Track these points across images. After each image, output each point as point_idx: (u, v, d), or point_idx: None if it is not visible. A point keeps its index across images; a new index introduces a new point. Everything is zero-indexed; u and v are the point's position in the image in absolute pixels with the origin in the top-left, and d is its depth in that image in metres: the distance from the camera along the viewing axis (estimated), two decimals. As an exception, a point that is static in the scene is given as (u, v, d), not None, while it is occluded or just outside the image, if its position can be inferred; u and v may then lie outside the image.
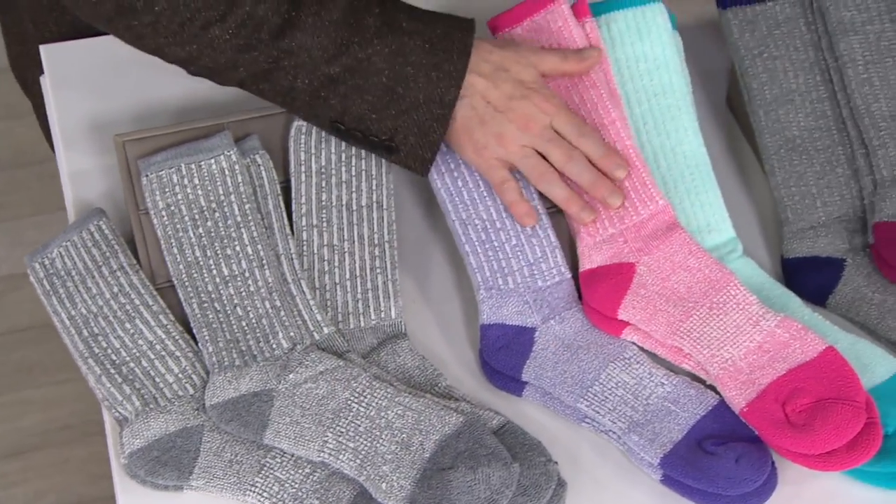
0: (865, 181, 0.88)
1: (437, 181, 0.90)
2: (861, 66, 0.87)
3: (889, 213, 0.85)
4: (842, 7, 0.89)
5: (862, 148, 0.88)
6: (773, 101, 0.91)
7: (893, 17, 0.88)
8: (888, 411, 0.79)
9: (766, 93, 0.91)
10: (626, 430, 0.81)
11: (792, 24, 0.91)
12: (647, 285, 0.86)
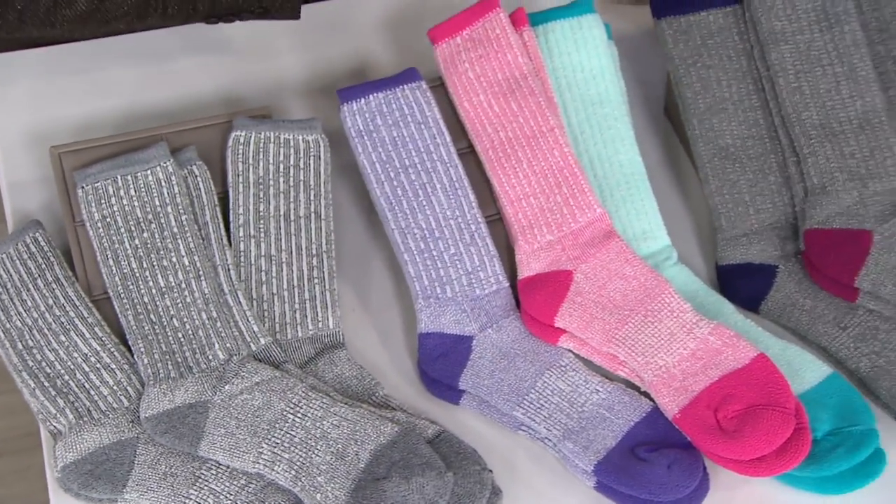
0: (797, 188, 0.86)
1: (376, 190, 0.88)
2: (792, 76, 0.85)
3: (819, 219, 0.84)
4: (773, 17, 0.87)
5: (793, 156, 0.86)
6: (706, 110, 0.89)
7: (823, 27, 0.86)
8: (817, 416, 0.77)
9: (700, 102, 0.89)
10: (561, 438, 0.79)
11: (725, 34, 0.90)
12: (583, 293, 0.84)
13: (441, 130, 0.88)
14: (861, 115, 0.84)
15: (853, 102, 0.84)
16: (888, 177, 0.83)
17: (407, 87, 0.89)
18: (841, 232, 0.83)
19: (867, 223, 0.83)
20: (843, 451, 0.76)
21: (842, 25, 0.86)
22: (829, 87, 0.85)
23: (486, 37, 0.89)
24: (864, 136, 0.84)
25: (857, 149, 0.84)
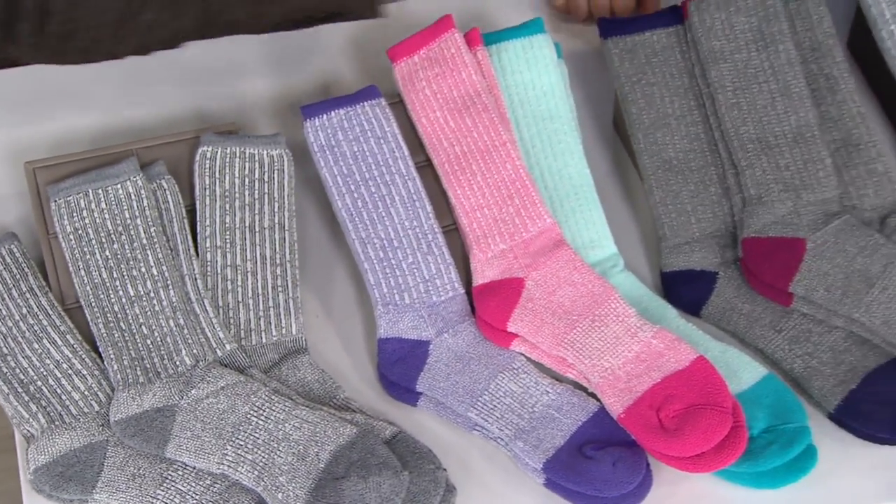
0: (735, 199, 0.87)
1: (337, 202, 0.88)
2: (730, 92, 0.87)
3: (755, 228, 0.85)
4: (712, 37, 0.88)
5: (732, 168, 0.87)
6: (650, 125, 0.90)
7: (759, 46, 0.87)
8: (753, 415, 0.78)
9: (644, 117, 0.90)
10: (513, 437, 0.80)
11: (668, 53, 0.91)
12: (534, 299, 0.85)
13: (399, 145, 0.89)
14: (795, 129, 0.86)
15: (787, 118, 0.86)
16: (820, 188, 0.85)
17: (367, 104, 0.90)
18: (776, 240, 0.84)
19: (801, 231, 0.84)
20: (777, 448, 0.77)
21: (776, 45, 0.87)
22: (765, 104, 0.86)
23: (441, 56, 0.90)
24: (798, 150, 0.85)
25: (792, 161, 0.85)
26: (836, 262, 0.82)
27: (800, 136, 0.86)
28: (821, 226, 0.84)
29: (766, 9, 0.88)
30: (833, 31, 0.91)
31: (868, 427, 0.78)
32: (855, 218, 0.85)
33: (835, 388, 0.80)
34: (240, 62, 1.04)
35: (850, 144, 0.88)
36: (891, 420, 0.77)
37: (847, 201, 0.87)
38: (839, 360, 0.81)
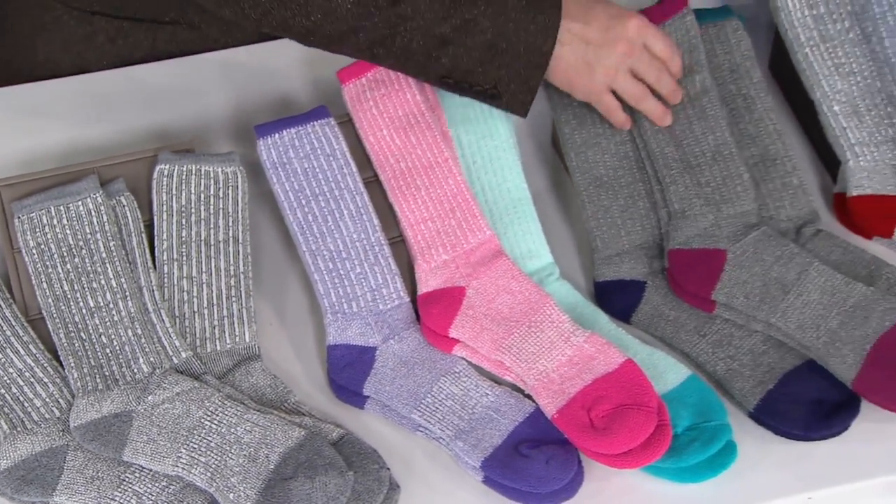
0: (662, 213, 0.89)
1: (289, 216, 0.89)
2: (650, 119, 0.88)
3: (680, 240, 0.86)
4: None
5: (658, 184, 0.89)
6: (582, 144, 0.91)
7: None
8: (678, 413, 0.80)
9: (577, 136, 0.91)
10: (454, 437, 0.81)
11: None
12: (474, 306, 0.86)
13: (348, 162, 0.90)
14: (713, 148, 0.87)
15: (705, 138, 0.87)
16: (739, 201, 0.87)
17: (317, 123, 0.91)
18: (699, 251, 0.86)
19: (721, 243, 0.86)
20: (699, 445, 0.78)
21: (693, 75, 0.89)
22: (684, 128, 0.88)
23: (387, 77, 0.91)
24: (717, 167, 0.87)
25: (712, 178, 0.87)
26: (755, 270, 0.84)
27: (718, 155, 0.87)
28: (740, 237, 0.86)
29: (690, 40, 0.90)
30: (751, 53, 0.93)
31: (784, 425, 0.80)
32: (772, 229, 0.86)
33: (754, 388, 0.81)
34: (200, 83, 1.04)
35: (768, 159, 0.90)
36: (804, 418, 0.79)
37: (765, 213, 0.89)
38: (758, 362, 0.82)
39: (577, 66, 0.85)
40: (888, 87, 0.89)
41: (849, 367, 0.79)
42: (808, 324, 0.81)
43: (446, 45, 0.82)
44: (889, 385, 0.77)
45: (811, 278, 0.82)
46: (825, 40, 0.91)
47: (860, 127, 0.90)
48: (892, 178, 0.89)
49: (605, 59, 0.85)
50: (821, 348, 0.80)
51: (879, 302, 0.80)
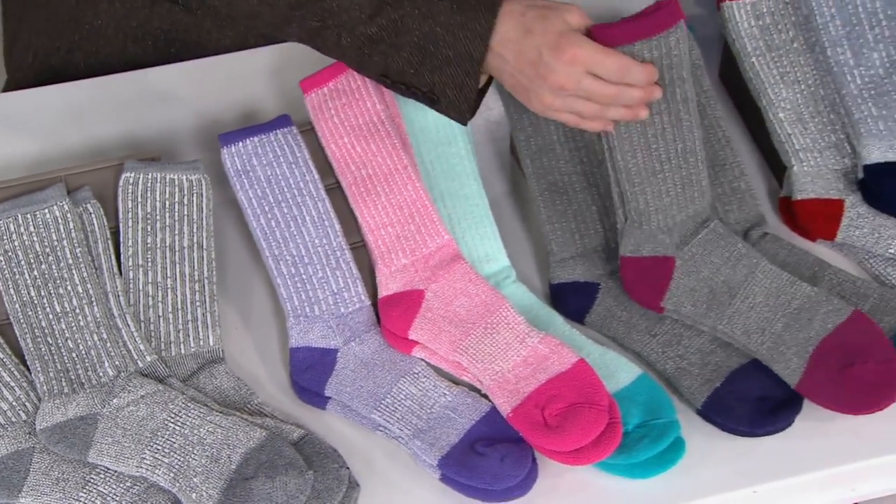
0: (619, 213, 0.88)
1: (252, 222, 0.89)
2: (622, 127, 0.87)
3: (631, 247, 0.86)
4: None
5: (617, 187, 0.87)
6: (538, 151, 0.91)
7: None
8: (628, 411, 0.80)
9: (532, 144, 0.92)
10: (412, 436, 0.81)
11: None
12: (433, 309, 0.86)
13: (310, 169, 0.90)
14: (680, 154, 0.85)
15: (675, 144, 0.85)
16: (692, 205, 0.87)
17: (280, 132, 0.91)
18: (649, 259, 0.86)
19: (671, 250, 0.86)
20: (649, 441, 0.78)
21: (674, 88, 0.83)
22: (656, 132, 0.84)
23: (348, 87, 0.91)
24: (680, 174, 0.85)
25: (672, 185, 0.86)
26: (703, 275, 0.84)
27: (684, 161, 0.85)
28: (690, 238, 0.86)
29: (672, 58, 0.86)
30: (701, 62, 0.93)
31: (730, 421, 0.80)
32: (721, 224, 0.86)
33: (701, 386, 0.82)
34: (169, 92, 1.04)
35: (717, 165, 0.90)
36: (748, 415, 0.79)
37: (714, 216, 0.89)
38: (706, 361, 0.83)
39: (517, 88, 0.81)
40: (831, 94, 0.90)
41: (793, 372, 0.79)
42: (753, 328, 0.81)
43: (376, 44, 0.80)
44: (830, 387, 0.77)
45: (758, 280, 0.83)
46: (771, 50, 0.91)
47: (804, 133, 0.90)
48: (834, 183, 0.89)
49: (539, 91, 0.80)
50: (765, 353, 0.80)
51: (823, 304, 0.81)
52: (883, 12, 0.89)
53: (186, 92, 1.03)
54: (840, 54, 0.89)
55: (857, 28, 0.89)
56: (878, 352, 0.77)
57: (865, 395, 0.76)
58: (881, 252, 0.86)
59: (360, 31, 0.80)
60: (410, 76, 0.81)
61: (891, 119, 0.87)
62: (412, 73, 0.81)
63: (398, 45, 0.80)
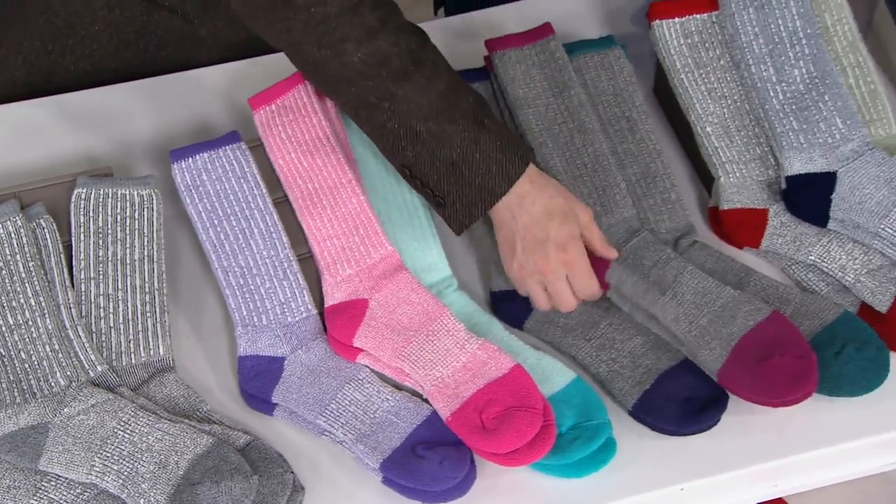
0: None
1: (202, 235, 0.89)
2: (536, 133, 0.89)
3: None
4: (516, 87, 0.91)
5: None
6: (477, 165, 0.92)
7: (555, 93, 0.91)
8: (562, 414, 0.81)
9: (473, 157, 0.92)
10: (355, 441, 0.81)
11: (492, 101, 0.93)
12: (377, 317, 0.86)
13: (258, 183, 0.90)
14: (593, 160, 0.88)
15: (586, 150, 0.89)
16: (618, 209, 0.88)
17: (228, 148, 0.91)
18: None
19: (603, 252, 0.87)
20: (581, 442, 0.79)
21: (569, 90, 0.90)
22: (566, 140, 0.89)
23: (295, 105, 0.91)
24: (598, 178, 0.88)
25: (593, 188, 0.88)
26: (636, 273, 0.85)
27: (598, 165, 0.88)
28: (622, 244, 0.87)
29: (556, 61, 0.91)
30: (633, 79, 0.94)
31: (659, 421, 0.81)
32: (651, 235, 0.88)
33: (632, 388, 0.83)
34: (126, 108, 1.03)
35: (648, 177, 0.91)
36: (676, 415, 0.80)
37: (646, 226, 0.90)
38: (637, 363, 0.84)
39: (507, 243, 0.85)
40: (755, 109, 0.91)
41: (715, 360, 0.80)
42: (682, 318, 0.82)
43: (418, 142, 0.83)
44: (749, 378, 0.79)
45: (685, 281, 0.84)
46: (699, 67, 0.93)
47: (730, 146, 0.91)
48: (759, 193, 0.90)
49: (524, 262, 0.84)
50: (692, 342, 0.82)
51: (744, 304, 0.82)
52: (803, 31, 0.91)
53: (142, 109, 1.03)
54: (763, 71, 0.90)
55: (779, 46, 0.91)
56: (795, 348, 0.79)
57: (782, 386, 0.78)
58: (802, 259, 0.88)
59: (409, 125, 0.82)
60: (433, 180, 0.84)
61: (810, 132, 0.89)
62: (435, 179, 0.84)
63: (436, 151, 0.83)
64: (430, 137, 0.82)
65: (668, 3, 0.94)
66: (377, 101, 0.82)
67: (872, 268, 0.85)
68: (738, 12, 0.91)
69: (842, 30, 0.93)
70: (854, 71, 0.92)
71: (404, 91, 0.81)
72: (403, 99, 0.82)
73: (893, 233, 0.84)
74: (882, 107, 0.91)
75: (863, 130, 0.89)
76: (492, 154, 0.82)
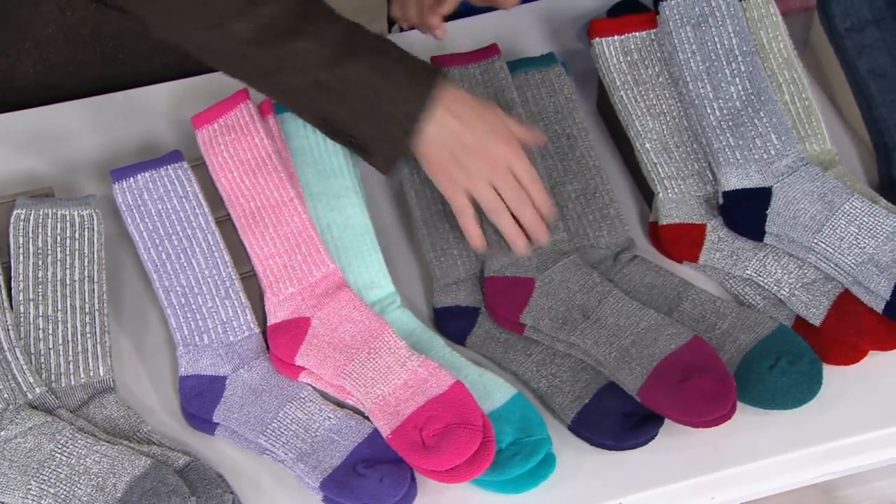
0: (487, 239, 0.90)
1: (143, 255, 0.88)
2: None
3: (495, 269, 0.88)
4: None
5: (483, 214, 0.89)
6: (420, 182, 0.92)
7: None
8: (502, 430, 0.81)
9: (416, 175, 0.92)
10: (296, 460, 0.81)
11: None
12: (319, 336, 0.86)
13: (200, 202, 0.90)
14: None
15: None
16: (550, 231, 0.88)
17: (170, 167, 0.91)
18: (511, 279, 0.87)
19: (531, 272, 0.88)
20: (520, 459, 0.79)
21: (510, 110, 0.91)
22: None
23: (237, 123, 0.91)
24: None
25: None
26: (560, 297, 0.86)
27: None
28: (550, 265, 0.88)
29: (500, 80, 0.92)
30: (573, 96, 0.95)
31: (597, 436, 0.82)
32: (580, 257, 0.89)
33: (572, 403, 0.83)
34: (70, 127, 1.03)
35: (588, 193, 0.92)
36: (614, 430, 0.81)
37: (586, 241, 0.91)
38: (577, 378, 0.84)
39: (442, 158, 0.84)
40: (693, 126, 0.93)
41: (635, 380, 0.81)
42: (602, 341, 0.83)
43: (327, 91, 0.82)
44: (669, 397, 0.80)
45: (609, 304, 0.85)
46: (638, 84, 0.94)
47: (669, 162, 0.93)
48: (697, 209, 0.92)
49: (468, 164, 0.84)
50: (612, 363, 0.82)
51: (667, 327, 0.83)
52: (738, 49, 0.92)
53: (87, 127, 1.03)
54: (700, 88, 0.92)
55: (716, 63, 0.92)
56: (714, 370, 0.80)
57: (699, 406, 0.79)
58: (739, 273, 0.89)
59: (313, 76, 0.82)
60: (351, 126, 0.83)
61: (746, 148, 0.90)
62: (352, 124, 0.83)
63: (347, 95, 0.82)
64: (337, 83, 0.82)
65: (609, 21, 0.95)
66: (277, 65, 0.82)
67: (806, 281, 0.86)
68: (675, 30, 0.93)
69: (777, 47, 0.95)
70: (789, 87, 0.94)
71: (299, 46, 0.81)
72: (301, 53, 0.81)
73: (826, 247, 0.86)
74: (816, 122, 0.93)
75: (797, 146, 0.90)
76: (403, 82, 0.82)
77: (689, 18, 0.93)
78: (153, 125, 1.03)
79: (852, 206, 0.86)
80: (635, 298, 0.87)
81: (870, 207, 0.86)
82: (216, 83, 0.98)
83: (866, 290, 0.83)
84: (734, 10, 0.93)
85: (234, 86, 0.92)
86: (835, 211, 0.86)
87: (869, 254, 0.84)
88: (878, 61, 0.95)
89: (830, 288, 0.85)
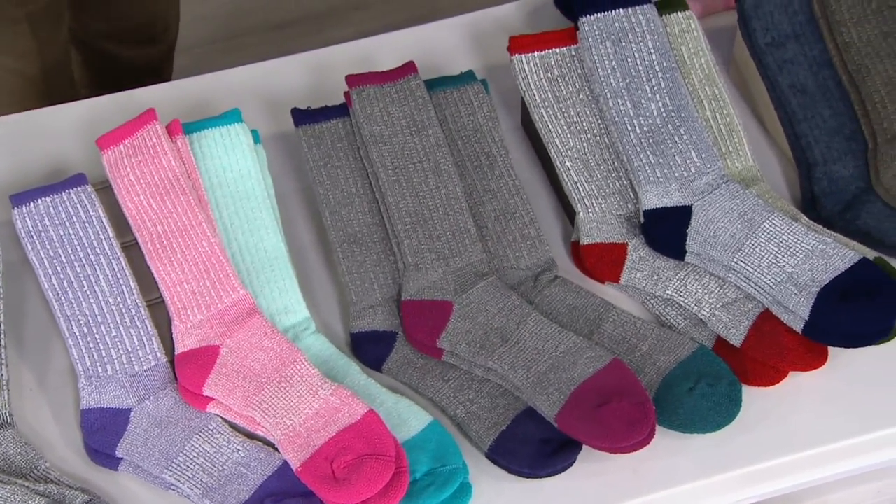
0: (399, 264, 0.88)
1: (44, 283, 0.86)
2: (391, 171, 0.88)
3: (412, 292, 0.86)
4: (373, 123, 0.90)
5: (395, 237, 0.88)
6: (336, 203, 0.91)
7: (413, 131, 0.90)
8: (417, 459, 0.79)
9: (331, 196, 0.91)
10: (202, 495, 0.78)
11: (350, 139, 0.92)
12: (228, 364, 0.84)
13: (104, 227, 0.87)
14: (445, 202, 0.88)
15: (439, 191, 0.88)
16: (467, 253, 0.87)
17: (73, 191, 0.88)
18: (428, 302, 0.86)
19: (449, 295, 0.86)
20: (435, 489, 0.78)
21: (426, 130, 0.90)
22: (420, 180, 0.88)
23: (144, 145, 0.89)
24: (448, 221, 0.87)
25: (442, 231, 0.87)
26: (478, 320, 0.84)
27: (449, 208, 0.88)
28: (469, 287, 0.86)
29: (416, 99, 0.91)
30: (493, 114, 0.94)
31: (513, 464, 0.80)
32: (499, 279, 0.87)
33: (489, 430, 0.82)
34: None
35: (507, 213, 0.91)
36: (530, 457, 0.79)
37: (506, 262, 0.89)
38: (494, 404, 0.83)
39: None
40: (614, 143, 0.92)
41: (553, 405, 0.80)
42: (520, 365, 0.82)
43: None
44: (586, 422, 0.78)
45: (528, 327, 0.83)
46: (559, 101, 0.93)
47: (590, 181, 0.92)
48: (618, 228, 0.91)
49: None
50: (529, 388, 0.81)
51: (586, 350, 0.82)
52: (659, 65, 0.92)
53: (-7, 149, 1.00)
54: (621, 105, 0.91)
55: (636, 80, 0.91)
56: (632, 394, 0.79)
57: (618, 430, 0.77)
58: (660, 293, 0.88)
59: None
60: None
61: (666, 166, 0.90)
62: None
63: None
64: None
65: (528, 37, 0.94)
66: None
67: (727, 301, 0.86)
68: (595, 46, 0.92)
69: (699, 62, 0.94)
70: (711, 103, 0.93)
71: None
72: None
73: (746, 266, 0.85)
74: (738, 139, 0.93)
75: (718, 163, 0.90)
76: None
77: (609, 34, 0.92)
78: (61, 147, 1.00)
79: (772, 224, 0.86)
80: (556, 320, 0.86)
81: (790, 225, 0.86)
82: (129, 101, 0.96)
83: (786, 310, 0.83)
84: (654, 26, 0.92)
85: (145, 106, 0.90)
86: (754, 229, 0.86)
87: (788, 273, 0.83)
88: (798, 76, 0.95)
89: (751, 308, 0.85)
